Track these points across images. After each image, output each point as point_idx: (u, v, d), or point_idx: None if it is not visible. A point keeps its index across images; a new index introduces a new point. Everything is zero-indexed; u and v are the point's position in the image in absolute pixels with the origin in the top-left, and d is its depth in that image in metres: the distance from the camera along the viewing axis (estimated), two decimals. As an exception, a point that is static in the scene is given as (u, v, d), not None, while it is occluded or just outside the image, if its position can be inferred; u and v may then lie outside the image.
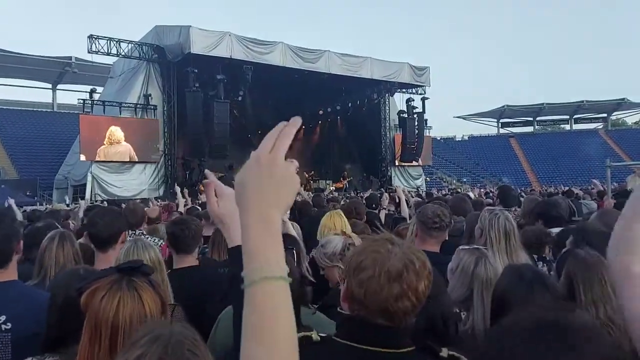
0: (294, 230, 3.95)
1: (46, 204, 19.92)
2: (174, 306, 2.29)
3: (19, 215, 6.87)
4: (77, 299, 1.36)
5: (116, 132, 21.79)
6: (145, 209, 5.88)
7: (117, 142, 21.81)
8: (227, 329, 1.91)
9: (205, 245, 4.16)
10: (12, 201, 6.73)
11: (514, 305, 1.78)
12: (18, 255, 2.16)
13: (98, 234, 2.73)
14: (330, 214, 3.85)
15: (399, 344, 1.33)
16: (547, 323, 0.88)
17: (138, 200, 10.96)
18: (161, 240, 4.29)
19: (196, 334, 1.03)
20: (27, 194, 26.20)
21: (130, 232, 4.59)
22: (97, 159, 21.37)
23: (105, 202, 14.22)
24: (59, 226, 3.77)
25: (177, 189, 9.82)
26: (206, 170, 1.44)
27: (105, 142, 21.53)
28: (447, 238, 3.39)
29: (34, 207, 10.93)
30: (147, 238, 3.93)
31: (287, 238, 2.86)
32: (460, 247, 2.47)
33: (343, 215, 3.87)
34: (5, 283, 2.04)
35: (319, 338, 1.37)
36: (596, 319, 1.75)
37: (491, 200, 8.03)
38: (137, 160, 22.38)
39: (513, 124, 54.64)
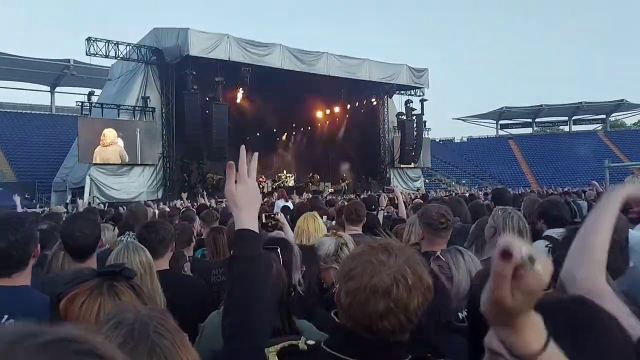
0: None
1: (45, 207, 19.87)
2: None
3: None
4: (56, 305, 1.32)
5: (109, 133, 21.72)
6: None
7: (109, 144, 21.77)
8: (211, 338, 1.86)
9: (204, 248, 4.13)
10: (18, 199, 6.71)
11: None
12: (35, 259, 2.16)
13: (80, 248, 2.64)
14: (305, 216, 3.78)
15: (392, 357, 1.26)
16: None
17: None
18: None
19: (165, 314, 0.98)
20: (26, 196, 26.13)
21: (131, 233, 4.56)
22: (94, 160, 21.36)
23: (102, 205, 14.19)
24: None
25: (184, 195, 10.29)
26: (242, 147, 1.56)
27: (100, 144, 21.55)
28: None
29: (32, 210, 10.89)
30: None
31: (281, 242, 2.81)
32: (441, 249, 2.45)
33: (318, 216, 3.82)
34: (18, 288, 2.03)
35: (305, 347, 1.31)
36: None
37: (489, 202, 8.01)
38: (127, 160, 22.27)
39: (512, 126, 54.70)
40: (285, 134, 31.87)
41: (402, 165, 30.24)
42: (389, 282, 1.19)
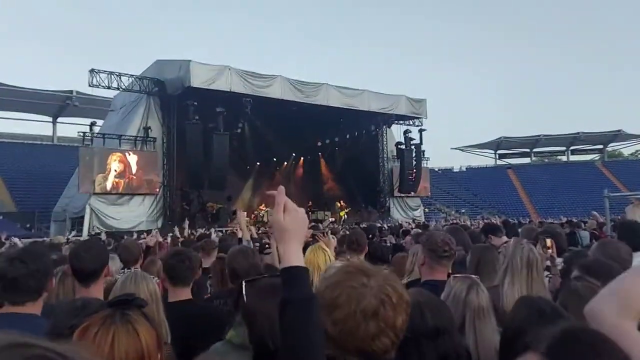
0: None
1: (44, 237, 19.81)
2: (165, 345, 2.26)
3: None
4: (69, 337, 1.29)
5: (111, 162, 21.93)
6: (143, 240, 5.86)
7: (110, 173, 21.91)
8: None
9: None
10: (17, 240, 6.73)
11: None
12: (47, 294, 2.20)
13: (83, 268, 2.61)
14: (313, 249, 3.66)
15: None
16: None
17: (134, 237, 10.83)
18: (156, 278, 4.25)
19: None
20: (26, 226, 26.15)
21: (126, 269, 4.56)
22: (94, 189, 21.39)
23: (103, 234, 14.18)
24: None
25: (185, 224, 10.00)
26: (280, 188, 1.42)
27: (104, 172, 21.64)
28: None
29: (34, 240, 10.85)
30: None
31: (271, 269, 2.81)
32: (453, 275, 2.45)
33: (326, 248, 3.73)
34: (28, 315, 2.07)
35: None
36: None
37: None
38: (122, 190, 22.28)
39: (510, 155, 55.04)
40: (285, 163, 32.04)
41: (401, 195, 30.29)
42: (377, 303, 1.23)
